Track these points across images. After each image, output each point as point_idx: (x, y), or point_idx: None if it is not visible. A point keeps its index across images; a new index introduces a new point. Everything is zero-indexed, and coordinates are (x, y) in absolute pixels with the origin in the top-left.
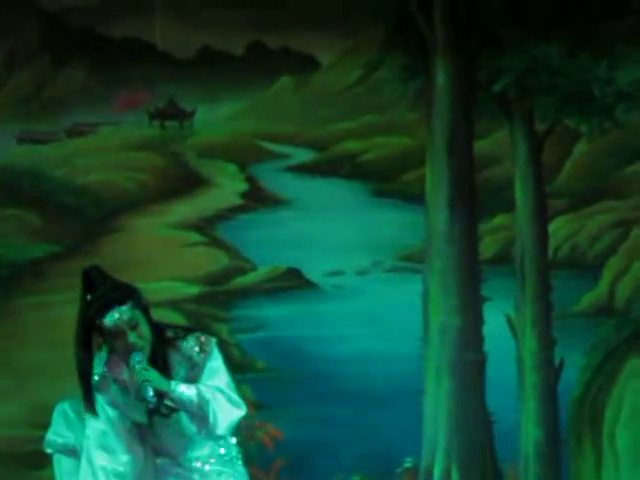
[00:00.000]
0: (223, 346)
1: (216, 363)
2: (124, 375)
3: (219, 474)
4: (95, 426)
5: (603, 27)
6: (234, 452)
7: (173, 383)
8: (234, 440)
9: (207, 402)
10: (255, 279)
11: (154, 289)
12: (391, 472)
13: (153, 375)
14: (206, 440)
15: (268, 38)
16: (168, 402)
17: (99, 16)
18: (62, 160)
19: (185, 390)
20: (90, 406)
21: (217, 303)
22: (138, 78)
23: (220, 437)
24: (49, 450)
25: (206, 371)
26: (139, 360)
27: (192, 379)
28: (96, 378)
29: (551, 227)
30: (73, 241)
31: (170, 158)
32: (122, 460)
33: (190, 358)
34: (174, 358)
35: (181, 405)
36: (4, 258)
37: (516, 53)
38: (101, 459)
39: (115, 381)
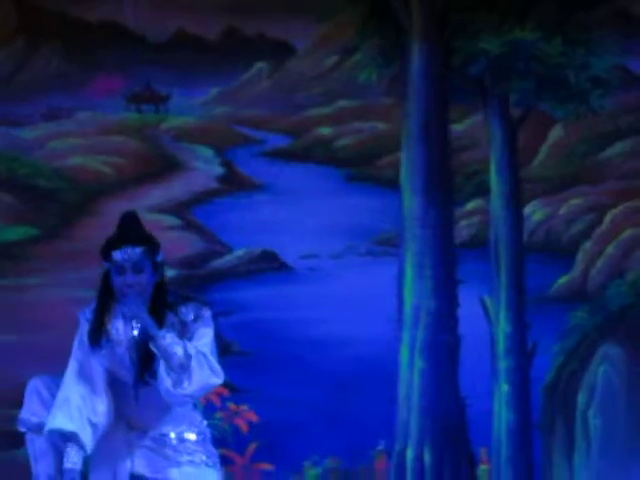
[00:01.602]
0: None
1: (206, 331)
2: (118, 324)
3: (191, 453)
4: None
5: (579, 13)
6: (208, 434)
7: (162, 331)
8: (206, 422)
9: (189, 358)
10: (230, 262)
11: None
12: (364, 454)
13: (145, 316)
14: (182, 418)
15: (244, 23)
16: (152, 347)
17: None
18: (38, 143)
19: (172, 341)
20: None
21: (193, 286)
22: (114, 62)
23: (189, 398)
24: (22, 429)
25: (196, 335)
26: (134, 300)
27: None
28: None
29: (526, 211)
30: (49, 224)
31: (146, 142)
32: (98, 410)
33: (184, 323)
34: (170, 320)
35: (164, 353)
36: None
37: (491, 38)
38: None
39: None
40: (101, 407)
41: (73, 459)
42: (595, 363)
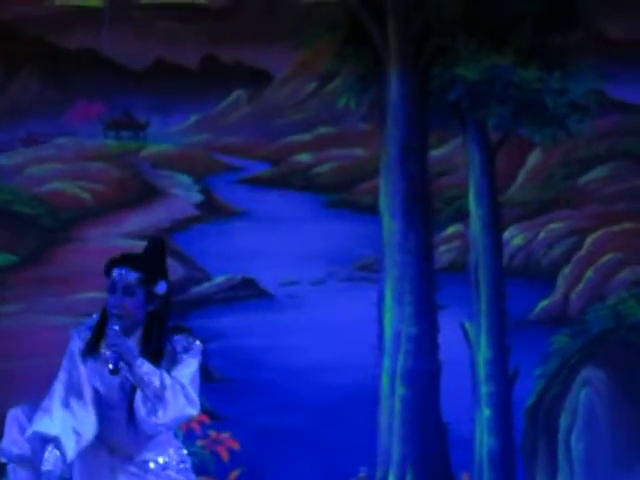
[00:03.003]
0: None
1: (191, 362)
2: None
3: None
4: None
5: (555, 38)
6: (189, 462)
7: (140, 359)
8: (186, 451)
9: (164, 388)
10: (210, 289)
11: None
12: None
13: (123, 343)
14: (164, 445)
15: (222, 52)
16: (129, 375)
17: (53, 26)
18: (17, 169)
19: (148, 370)
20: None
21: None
22: (93, 88)
23: (163, 427)
24: (3, 459)
25: (179, 366)
26: (115, 327)
27: (167, 370)
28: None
29: (505, 235)
30: (28, 251)
31: (125, 169)
32: (83, 420)
33: (174, 352)
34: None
35: (140, 382)
36: None
37: (469, 63)
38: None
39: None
40: (87, 419)
41: (52, 462)
42: (577, 386)
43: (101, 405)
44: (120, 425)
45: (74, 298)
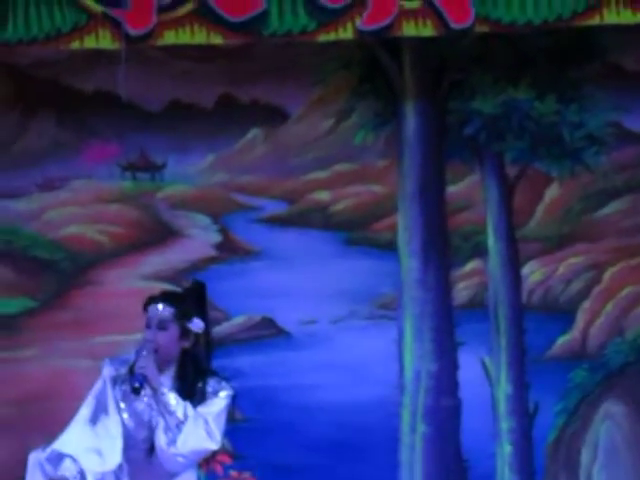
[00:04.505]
0: None
1: (219, 402)
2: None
3: None
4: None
5: (571, 71)
6: None
7: (167, 389)
8: None
9: (186, 419)
10: (229, 329)
11: (128, 341)
12: None
13: (150, 368)
14: None
15: (237, 91)
16: (153, 401)
17: (68, 68)
18: (34, 214)
19: (173, 400)
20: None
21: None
22: (108, 130)
23: (181, 458)
24: None
25: (207, 403)
26: (145, 353)
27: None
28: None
29: (524, 271)
30: (46, 295)
31: (142, 210)
32: (108, 446)
33: (204, 393)
34: (198, 389)
35: (163, 411)
36: None
37: (486, 97)
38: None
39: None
40: (112, 443)
41: (69, 468)
42: (597, 421)
43: (124, 445)
44: (141, 467)
45: (92, 341)
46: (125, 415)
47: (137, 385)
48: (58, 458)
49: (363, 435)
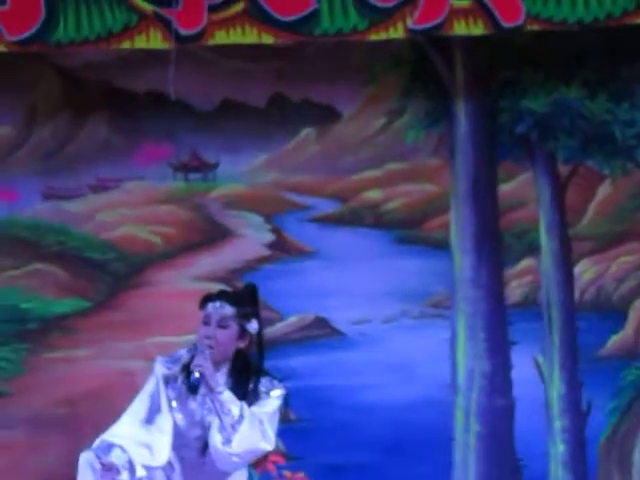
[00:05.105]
0: None
1: (272, 402)
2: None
3: None
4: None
5: (622, 70)
6: None
7: (222, 387)
8: None
9: (242, 418)
10: (282, 329)
11: (181, 342)
12: None
13: (208, 367)
14: None
15: (289, 90)
16: (208, 400)
17: (119, 70)
18: (87, 215)
19: (229, 399)
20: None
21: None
22: (160, 131)
23: (236, 457)
24: None
25: (260, 403)
26: (206, 351)
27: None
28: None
29: (576, 270)
30: (99, 296)
31: (195, 210)
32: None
33: (257, 392)
34: (250, 388)
35: (220, 409)
36: (32, 312)
37: (537, 96)
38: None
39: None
40: (161, 439)
41: (116, 456)
42: None
43: (176, 444)
44: (193, 466)
45: (145, 342)
46: (178, 414)
47: (194, 383)
48: (108, 447)
49: (416, 435)
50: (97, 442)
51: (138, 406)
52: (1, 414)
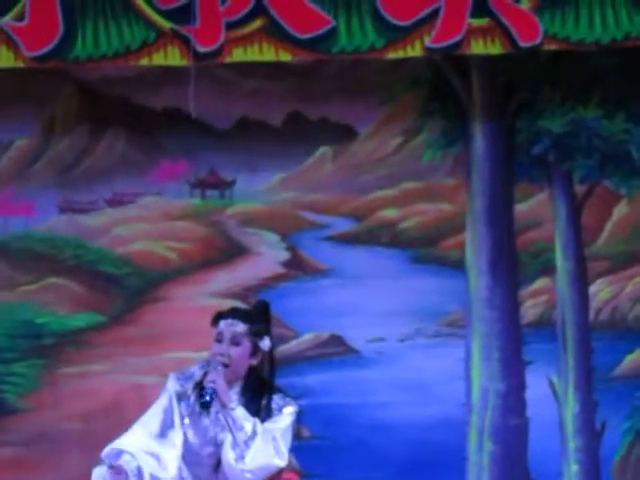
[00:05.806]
0: None
1: (285, 419)
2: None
3: None
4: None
5: (639, 89)
6: None
7: (235, 403)
8: None
9: (255, 434)
10: (297, 347)
11: (196, 358)
12: None
13: (221, 383)
14: None
15: (306, 108)
16: (221, 417)
17: (138, 86)
18: (103, 230)
19: (242, 415)
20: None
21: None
22: (178, 148)
23: (249, 474)
24: None
25: (273, 419)
26: (219, 367)
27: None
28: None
29: (591, 289)
30: (115, 311)
31: (211, 227)
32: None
33: (270, 409)
34: (262, 405)
35: (232, 426)
36: (47, 327)
37: (554, 116)
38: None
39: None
40: (170, 452)
41: (130, 463)
42: None
43: (189, 461)
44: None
45: (160, 358)
46: (190, 431)
47: (207, 399)
48: (118, 453)
49: (431, 453)
50: (107, 449)
51: (151, 419)
52: (16, 429)
